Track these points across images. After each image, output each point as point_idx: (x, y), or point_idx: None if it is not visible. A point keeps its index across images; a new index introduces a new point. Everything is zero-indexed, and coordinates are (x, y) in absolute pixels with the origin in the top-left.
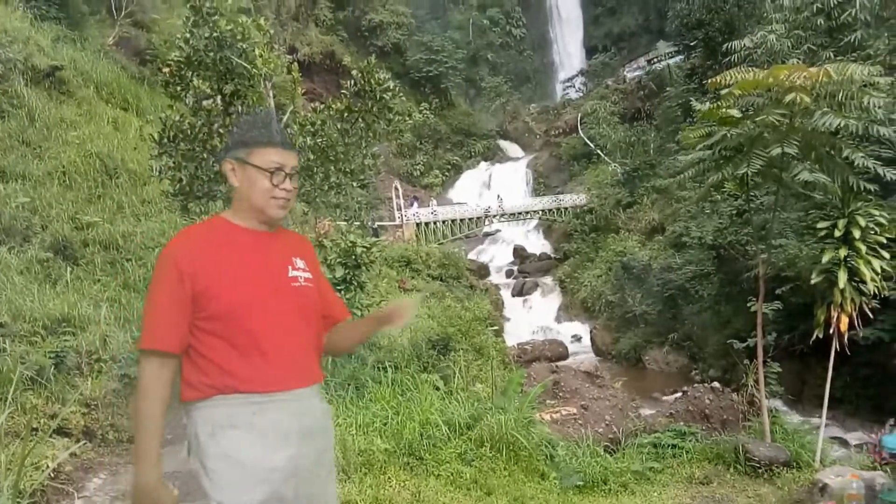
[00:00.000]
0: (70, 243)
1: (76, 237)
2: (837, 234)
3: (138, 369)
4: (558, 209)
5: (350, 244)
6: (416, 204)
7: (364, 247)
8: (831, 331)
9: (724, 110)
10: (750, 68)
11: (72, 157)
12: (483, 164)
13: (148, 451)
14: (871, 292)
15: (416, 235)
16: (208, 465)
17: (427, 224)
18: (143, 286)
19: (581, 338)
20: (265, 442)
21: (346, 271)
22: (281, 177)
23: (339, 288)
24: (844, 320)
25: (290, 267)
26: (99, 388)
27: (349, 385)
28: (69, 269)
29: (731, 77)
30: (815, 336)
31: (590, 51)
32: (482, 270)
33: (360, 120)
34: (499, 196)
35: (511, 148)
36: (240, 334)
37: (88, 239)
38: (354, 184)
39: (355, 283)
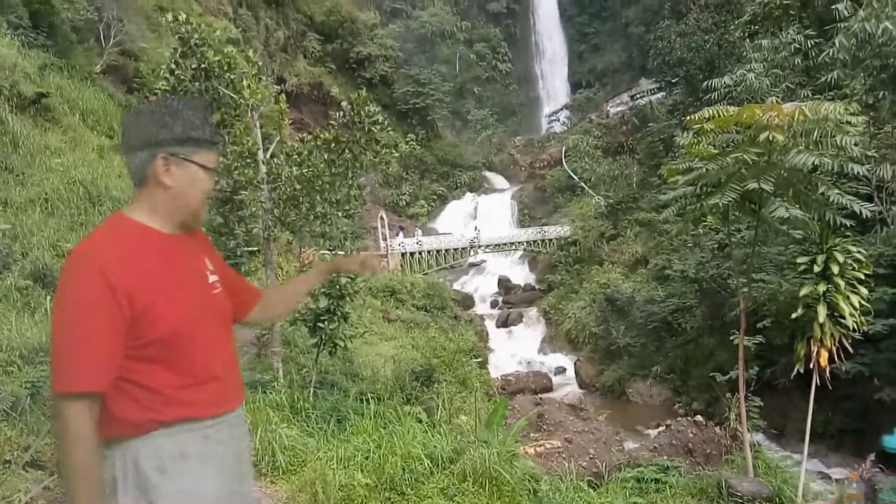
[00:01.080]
0: (50, 271)
1: (57, 265)
2: (816, 269)
3: (61, 416)
4: (543, 240)
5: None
6: (401, 234)
7: (348, 278)
8: (812, 365)
9: (702, 146)
10: (727, 106)
11: (55, 184)
12: (469, 195)
13: None
14: (851, 327)
15: (402, 265)
16: (159, 502)
17: (412, 254)
18: None
19: (565, 370)
20: (218, 468)
21: (330, 301)
22: (215, 176)
23: (322, 318)
24: (824, 355)
25: (207, 272)
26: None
27: (330, 417)
28: (48, 297)
29: (710, 114)
30: (796, 370)
31: (574, 86)
32: (467, 301)
33: (347, 151)
34: (476, 228)
35: (496, 179)
36: (185, 357)
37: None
38: (340, 214)
39: (339, 314)
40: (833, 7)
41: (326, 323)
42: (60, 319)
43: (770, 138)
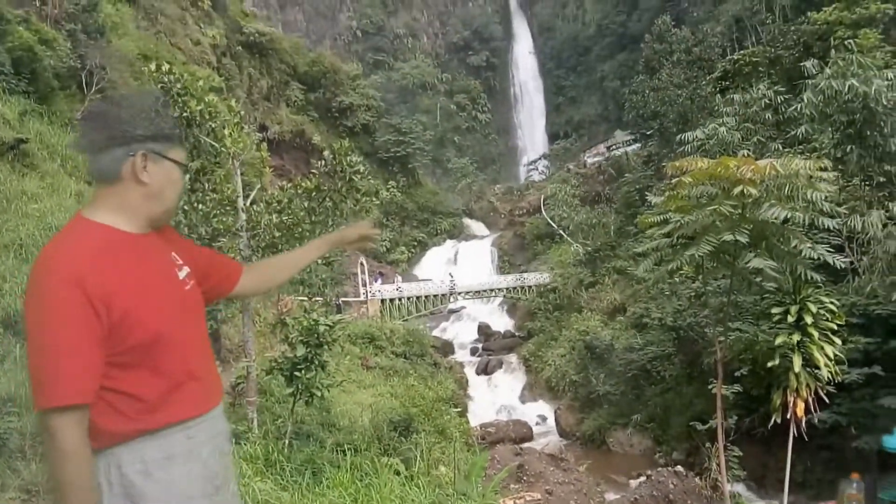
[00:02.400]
0: (21, 318)
1: None
2: (790, 319)
3: (49, 432)
4: (522, 287)
5: (313, 322)
6: (379, 280)
7: (327, 325)
8: (789, 415)
9: (678, 197)
10: (703, 157)
11: (30, 230)
12: (449, 242)
13: None
14: (826, 378)
15: (381, 311)
16: None
17: (392, 300)
18: None
19: (546, 418)
20: (203, 466)
21: (308, 350)
22: (185, 173)
23: (299, 367)
24: (801, 405)
25: (176, 268)
26: (41, 472)
27: (306, 470)
28: (19, 345)
29: (687, 164)
30: (773, 420)
31: (552, 136)
32: (446, 348)
33: (327, 199)
34: (450, 275)
35: (476, 226)
36: (165, 360)
37: None
38: (319, 261)
39: (317, 362)
40: (801, 64)
41: (304, 372)
42: (38, 332)
43: (744, 192)
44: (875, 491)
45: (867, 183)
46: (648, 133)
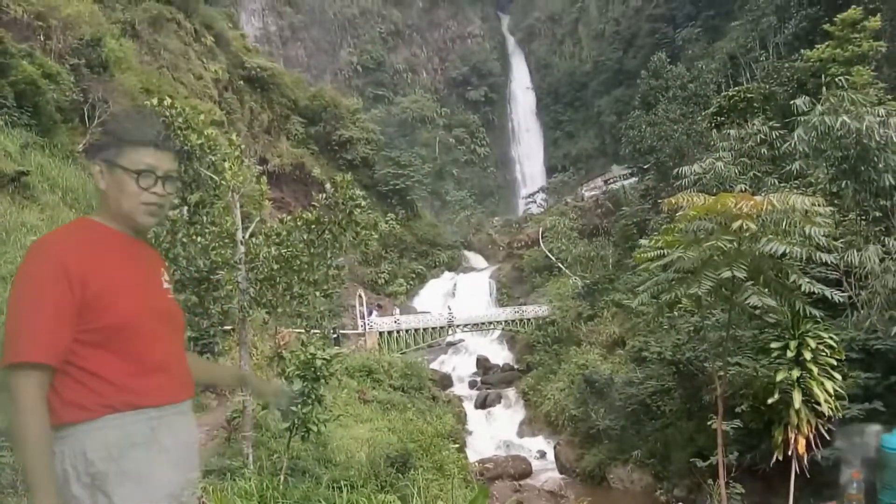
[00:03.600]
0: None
1: None
2: (790, 355)
3: (12, 388)
4: (521, 320)
5: (310, 356)
6: (374, 312)
7: (324, 359)
8: (790, 452)
9: (676, 231)
10: (699, 193)
11: None
12: (447, 274)
13: (46, 481)
14: (827, 413)
15: (379, 344)
16: (111, 490)
17: (390, 333)
18: None
19: (545, 453)
20: (167, 457)
21: (305, 384)
22: (151, 180)
23: (296, 401)
24: (802, 442)
25: (163, 280)
26: None
27: None
28: None
29: (684, 200)
30: (775, 457)
31: (550, 169)
32: (445, 381)
33: (327, 232)
34: (449, 308)
35: (475, 259)
36: (133, 347)
37: None
38: (317, 294)
39: (313, 397)
40: (792, 102)
41: (300, 406)
42: (15, 296)
43: (743, 227)
44: (875, 491)
45: (863, 218)
46: (645, 167)
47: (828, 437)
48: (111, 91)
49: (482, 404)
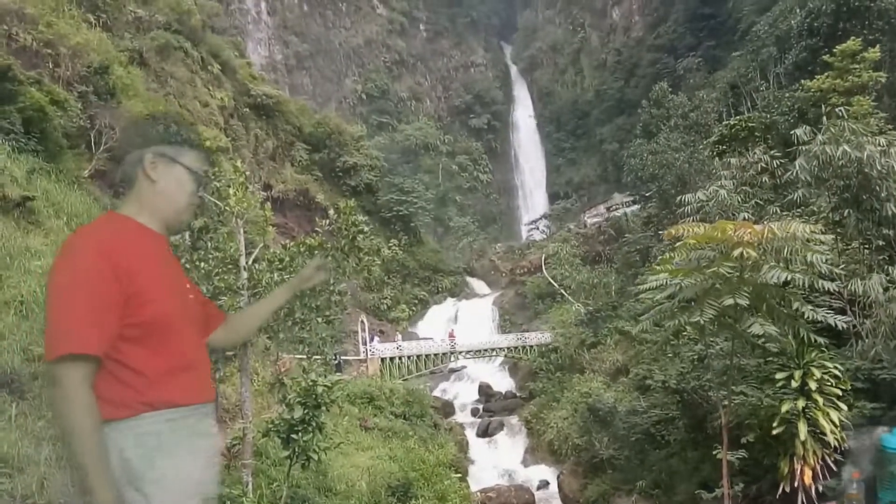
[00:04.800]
0: (18, 376)
1: (26, 369)
2: (794, 384)
3: (61, 381)
4: (524, 347)
5: (311, 383)
6: (376, 338)
7: (325, 386)
8: (796, 483)
9: (677, 260)
10: (702, 221)
11: (32, 287)
12: (450, 300)
13: (106, 474)
14: (833, 444)
15: (381, 370)
16: (144, 488)
17: (392, 359)
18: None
19: (549, 483)
20: (199, 457)
21: (305, 411)
22: (200, 181)
23: (296, 429)
24: (808, 473)
25: (185, 277)
26: None
27: None
28: (14, 403)
29: (684, 230)
30: (781, 488)
31: (552, 196)
32: (447, 408)
33: (330, 257)
34: (451, 332)
35: (478, 285)
36: (169, 343)
37: (38, 372)
38: (320, 319)
39: (314, 424)
40: (792, 133)
41: (300, 434)
42: (60, 288)
43: (744, 254)
44: (875, 491)
45: (866, 246)
46: (647, 195)
47: (834, 468)
48: (118, 118)
49: (484, 432)
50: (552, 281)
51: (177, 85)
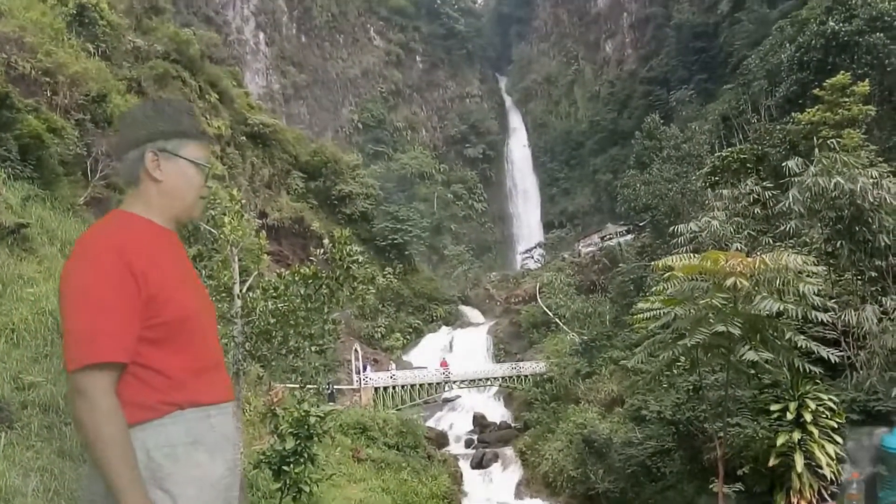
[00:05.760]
0: (7, 405)
1: (15, 398)
2: (790, 416)
3: (86, 392)
4: (519, 376)
5: (304, 413)
6: (369, 367)
7: (318, 416)
8: None
9: (669, 291)
10: (695, 251)
11: (24, 315)
12: (444, 329)
13: (138, 484)
14: (829, 477)
15: (374, 400)
16: (172, 489)
17: (385, 388)
18: (80, 453)
19: None
20: (220, 455)
21: (298, 443)
22: (206, 173)
23: (288, 461)
24: None
25: (195, 273)
26: None
27: None
28: (3, 433)
29: (675, 261)
30: None
31: (547, 225)
32: (441, 439)
33: (324, 286)
34: (443, 363)
35: (472, 313)
36: (192, 342)
37: (28, 400)
38: (313, 348)
39: (306, 455)
40: (784, 164)
41: (292, 466)
42: (79, 294)
43: (736, 284)
44: (875, 491)
45: (859, 277)
46: (641, 224)
47: (831, 501)
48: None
49: (478, 464)
50: (547, 310)
51: None
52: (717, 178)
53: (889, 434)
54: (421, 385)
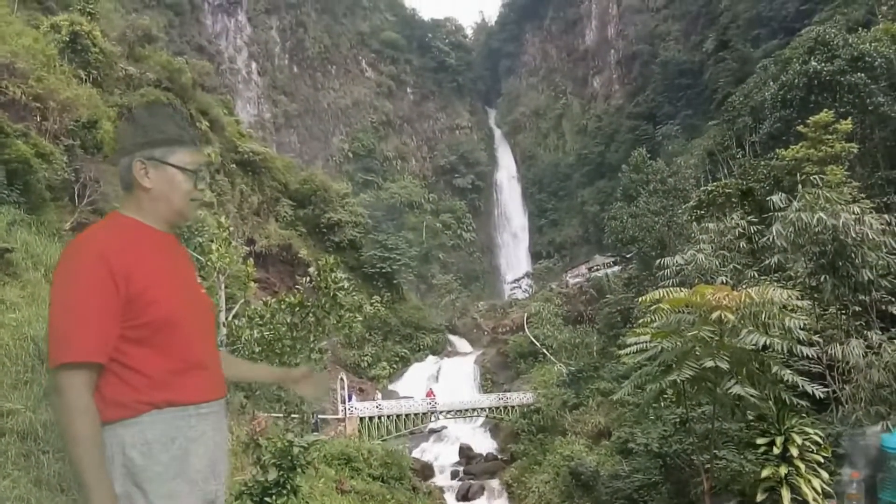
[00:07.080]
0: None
1: None
2: (776, 451)
3: (62, 388)
4: (506, 407)
5: (287, 444)
6: (354, 397)
7: (302, 446)
8: None
9: (655, 325)
10: (681, 284)
11: (5, 340)
12: (431, 358)
13: (103, 480)
14: None
15: (359, 430)
16: (147, 486)
17: (371, 418)
18: (58, 482)
19: None
20: (203, 455)
21: (280, 473)
22: (197, 177)
23: (270, 492)
24: None
25: (195, 275)
26: None
27: None
28: None
29: (661, 295)
30: None
31: (535, 256)
32: (426, 471)
33: (311, 315)
34: (429, 393)
35: (460, 343)
36: (175, 343)
37: (6, 428)
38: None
39: (289, 487)
40: (768, 199)
41: (275, 497)
42: (59, 296)
43: (722, 318)
44: (875, 491)
45: (843, 312)
46: (628, 256)
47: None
48: (103, 171)
49: (464, 496)
50: (534, 340)
51: None
52: (702, 212)
53: (889, 434)
54: (407, 415)
